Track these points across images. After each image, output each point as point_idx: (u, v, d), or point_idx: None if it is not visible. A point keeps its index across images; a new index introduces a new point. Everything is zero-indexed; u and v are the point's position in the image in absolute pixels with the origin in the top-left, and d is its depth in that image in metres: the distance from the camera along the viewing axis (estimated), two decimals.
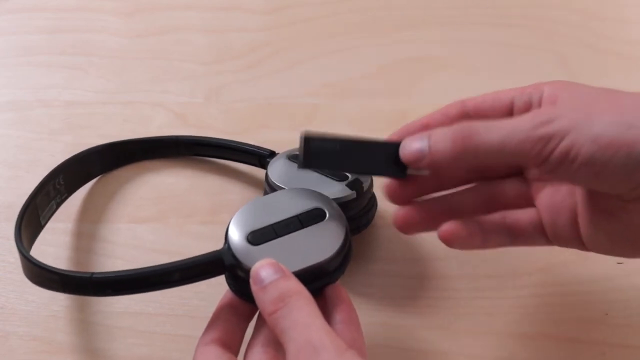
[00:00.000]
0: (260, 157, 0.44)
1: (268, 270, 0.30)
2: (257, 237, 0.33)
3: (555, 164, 0.30)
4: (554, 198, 0.34)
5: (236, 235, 0.33)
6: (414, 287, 0.41)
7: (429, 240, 0.43)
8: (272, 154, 0.43)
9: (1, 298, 0.41)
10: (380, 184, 0.42)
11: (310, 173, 0.40)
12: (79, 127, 0.50)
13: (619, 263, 0.41)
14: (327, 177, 0.39)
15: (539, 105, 0.34)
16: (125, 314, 0.40)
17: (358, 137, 0.35)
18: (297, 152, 0.41)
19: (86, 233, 0.44)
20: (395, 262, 0.42)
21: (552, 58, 0.53)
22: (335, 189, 0.38)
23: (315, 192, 0.36)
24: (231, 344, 0.32)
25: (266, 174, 0.40)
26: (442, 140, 0.32)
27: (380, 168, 0.35)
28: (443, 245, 0.42)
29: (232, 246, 0.33)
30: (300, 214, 0.34)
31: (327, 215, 0.34)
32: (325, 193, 0.38)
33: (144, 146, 0.47)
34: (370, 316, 0.39)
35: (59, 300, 0.41)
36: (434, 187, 0.36)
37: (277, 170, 0.40)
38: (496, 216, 0.35)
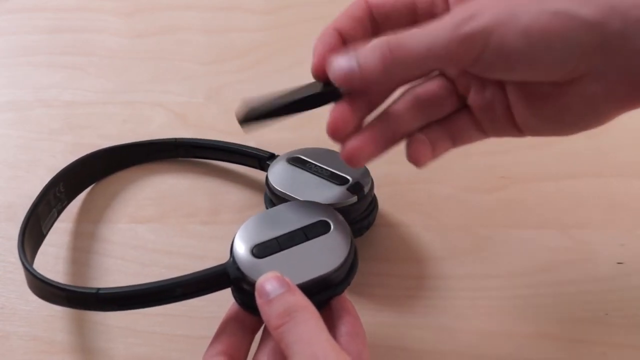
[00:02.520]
0: (260, 159, 0.44)
1: (273, 283, 0.30)
2: (261, 250, 0.33)
3: (487, 64, 0.30)
4: (483, 93, 0.34)
5: (241, 249, 0.33)
6: (414, 287, 0.41)
7: (429, 240, 0.43)
8: (272, 156, 0.43)
9: (1, 298, 0.41)
10: (380, 185, 0.42)
11: (311, 177, 0.40)
12: (79, 127, 0.50)
13: (619, 263, 0.41)
14: (328, 181, 0.39)
15: (445, 1, 0.33)
16: (124, 314, 0.39)
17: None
18: (297, 155, 0.41)
19: (87, 233, 0.44)
20: (395, 262, 0.42)
21: None
22: (336, 194, 0.38)
23: (320, 204, 0.36)
24: (237, 357, 0.32)
25: (267, 178, 0.40)
26: (370, 56, 0.31)
27: (313, 99, 0.34)
28: (444, 245, 0.42)
29: (237, 259, 0.33)
30: (305, 227, 0.34)
31: (332, 227, 0.34)
32: (326, 197, 0.38)
33: (143, 150, 0.47)
34: (370, 316, 0.39)
35: None
36: (367, 107, 0.35)
37: (278, 174, 0.40)
38: (436, 128, 0.35)
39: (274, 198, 0.40)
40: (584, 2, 0.29)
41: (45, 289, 0.34)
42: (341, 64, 0.32)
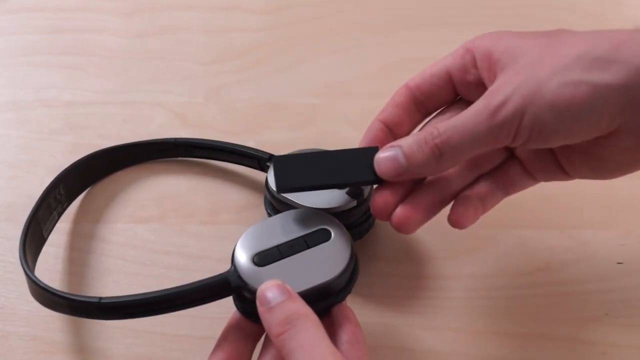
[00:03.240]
0: (260, 160, 0.44)
1: (274, 291, 0.31)
2: (262, 259, 0.33)
3: (525, 140, 0.31)
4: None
5: (242, 257, 0.33)
6: (414, 287, 0.41)
7: (429, 240, 0.43)
8: (272, 157, 0.43)
9: (1, 298, 0.41)
10: None
11: None
12: (79, 127, 0.50)
13: (619, 263, 0.41)
14: None
15: (475, 67, 0.34)
16: None
17: (328, 150, 0.36)
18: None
19: (86, 233, 0.44)
20: (395, 262, 0.42)
21: None
22: (336, 198, 0.38)
23: (320, 212, 0.36)
24: None
25: (266, 180, 0.40)
26: (419, 153, 0.33)
27: (358, 177, 0.35)
28: (443, 245, 0.42)
29: (238, 268, 0.33)
30: (306, 235, 0.34)
31: (333, 235, 0.35)
32: (326, 202, 0.38)
33: (143, 149, 0.47)
34: (370, 316, 0.39)
35: None
36: (411, 184, 0.35)
37: None
38: (487, 181, 0.36)
39: (273, 201, 0.40)
40: (605, 67, 0.30)
41: (47, 296, 0.35)
42: (388, 161, 0.34)
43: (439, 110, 0.37)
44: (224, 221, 0.44)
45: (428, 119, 0.38)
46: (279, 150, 0.43)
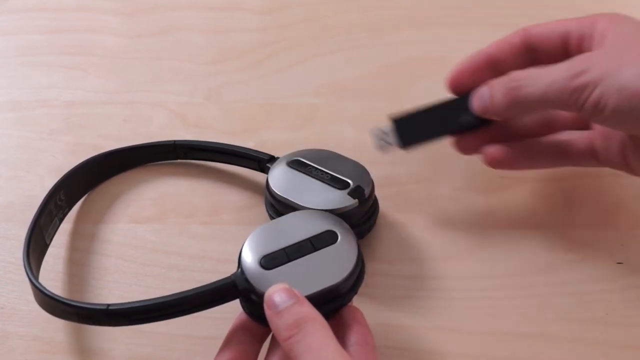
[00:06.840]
0: (260, 161, 0.44)
1: (282, 295, 0.31)
2: (269, 262, 0.33)
3: (589, 112, 0.33)
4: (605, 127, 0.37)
5: (249, 260, 0.33)
6: (414, 287, 0.41)
7: (429, 240, 0.43)
8: (272, 158, 0.43)
9: (1, 298, 0.41)
10: (380, 186, 0.42)
11: (311, 182, 0.40)
12: (79, 127, 0.50)
13: (618, 263, 0.41)
14: (329, 185, 0.39)
15: (592, 39, 0.36)
16: None
17: (432, 104, 0.40)
18: (297, 158, 0.41)
19: (87, 233, 0.44)
20: (395, 262, 0.42)
21: None
22: (337, 198, 0.38)
23: (326, 213, 0.36)
24: None
25: (267, 182, 0.40)
26: (498, 92, 0.36)
27: (465, 122, 0.39)
28: (444, 245, 0.42)
29: (245, 271, 0.33)
30: (312, 237, 0.34)
31: (339, 237, 0.35)
32: (327, 202, 0.38)
33: (142, 152, 0.47)
34: (370, 316, 0.39)
35: None
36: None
37: (278, 178, 0.40)
38: (550, 137, 0.39)
39: (274, 202, 0.40)
40: None
41: (54, 305, 0.35)
42: (476, 98, 0.38)
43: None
44: (224, 221, 0.44)
45: None
46: (278, 150, 0.43)
